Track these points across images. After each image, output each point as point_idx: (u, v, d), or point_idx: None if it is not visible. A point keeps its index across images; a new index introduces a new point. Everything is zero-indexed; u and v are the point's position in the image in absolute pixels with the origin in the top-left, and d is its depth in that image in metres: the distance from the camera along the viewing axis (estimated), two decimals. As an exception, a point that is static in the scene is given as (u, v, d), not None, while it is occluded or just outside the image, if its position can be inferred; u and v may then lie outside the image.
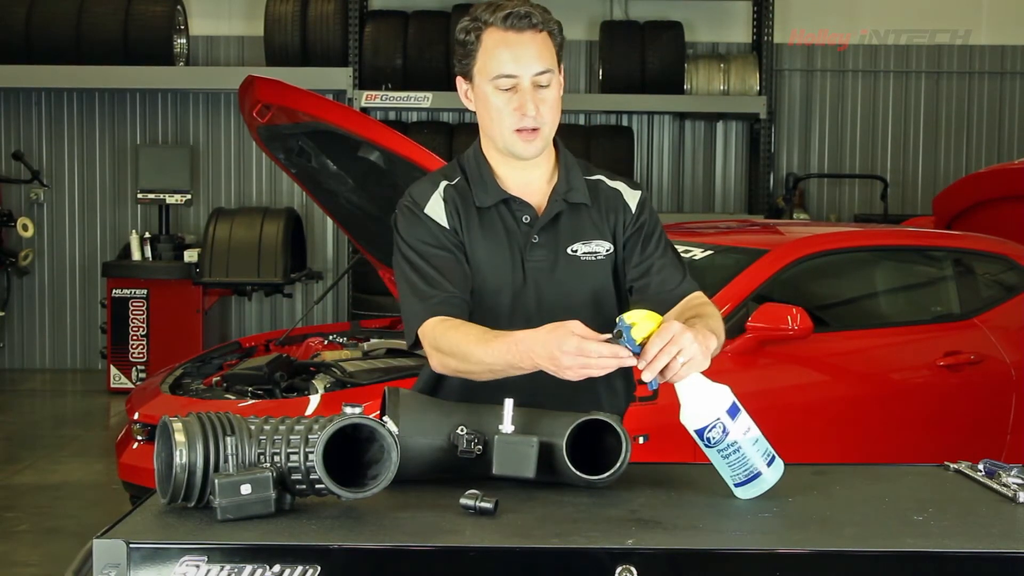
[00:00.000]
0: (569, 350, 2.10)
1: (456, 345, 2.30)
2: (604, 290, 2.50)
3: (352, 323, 6.02)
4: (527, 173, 2.50)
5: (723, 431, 2.09)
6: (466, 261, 2.44)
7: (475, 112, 2.49)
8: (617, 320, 2.12)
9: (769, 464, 2.13)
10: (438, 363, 2.37)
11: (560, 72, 2.45)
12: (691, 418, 2.11)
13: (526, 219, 2.47)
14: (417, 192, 2.49)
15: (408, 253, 2.44)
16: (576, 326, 2.12)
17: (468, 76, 2.46)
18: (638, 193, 2.56)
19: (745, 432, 2.11)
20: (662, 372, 2.10)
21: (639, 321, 2.11)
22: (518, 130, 2.41)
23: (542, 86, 2.40)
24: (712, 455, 2.13)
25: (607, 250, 2.50)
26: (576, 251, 2.47)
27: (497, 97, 2.41)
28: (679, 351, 2.09)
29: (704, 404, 2.11)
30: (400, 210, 2.49)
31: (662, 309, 2.29)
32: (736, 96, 8.83)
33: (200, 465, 1.93)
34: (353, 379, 4.54)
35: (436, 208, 2.46)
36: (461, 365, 2.31)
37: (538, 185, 2.51)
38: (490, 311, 2.42)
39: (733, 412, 2.11)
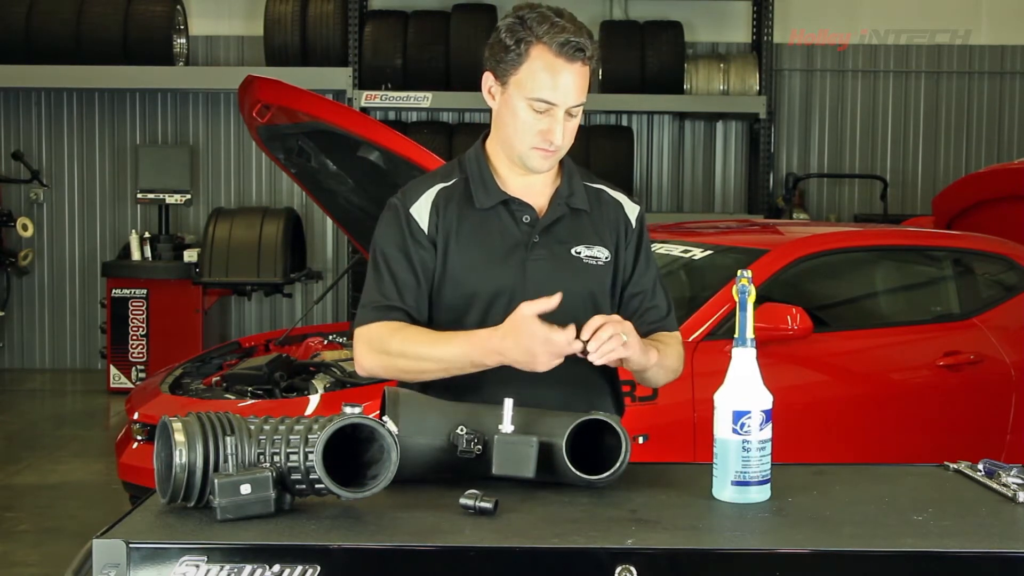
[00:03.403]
0: (537, 340, 2.21)
1: (408, 344, 2.35)
2: (603, 293, 2.51)
3: (352, 323, 6.01)
4: (530, 176, 2.50)
5: (759, 425, 2.08)
6: (433, 272, 2.44)
7: (492, 109, 2.48)
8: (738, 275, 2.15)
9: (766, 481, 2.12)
10: (378, 364, 2.40)
11: None
12: (737, 398, 2.09)
13: (526, 219, 2.47)
14: (410, 190, 2.50)
15: (377, 251, 2.47)
16: (525, 307, 2.22)
17: (502, 80, 2.43)
18: (637, 208, 2.59)
19: (769, 439, 2.10)
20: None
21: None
22: (537, 147, 2.42)
23: (572, 115, 2.42)
24: (731, 444, 2.08)
25: (607, 257, 2.51)
26: (579, 253, 2.48)
27: (527, 114, 2.40)
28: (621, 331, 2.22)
29: (756, 391, 2.09)
30: (388, 205, 2.51)
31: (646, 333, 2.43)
32: (736, 96, 8.83)
33: (200, 465, 1.93)
34: (353, 379, 4.54)
35: (421, 209, 2.46)
36: (412, 364, 2.36)
37: (540, 188, 2.51)
38: (488, 310, 2.42)
39: (768, 416, 2.10)
